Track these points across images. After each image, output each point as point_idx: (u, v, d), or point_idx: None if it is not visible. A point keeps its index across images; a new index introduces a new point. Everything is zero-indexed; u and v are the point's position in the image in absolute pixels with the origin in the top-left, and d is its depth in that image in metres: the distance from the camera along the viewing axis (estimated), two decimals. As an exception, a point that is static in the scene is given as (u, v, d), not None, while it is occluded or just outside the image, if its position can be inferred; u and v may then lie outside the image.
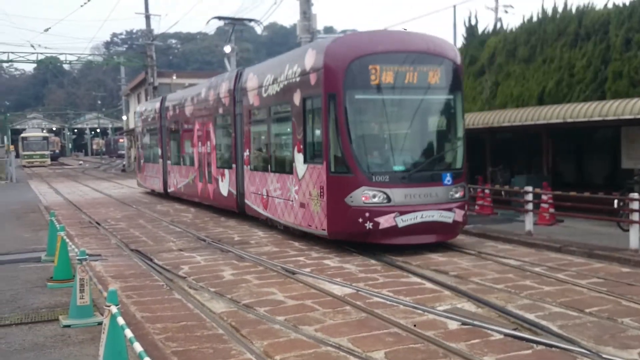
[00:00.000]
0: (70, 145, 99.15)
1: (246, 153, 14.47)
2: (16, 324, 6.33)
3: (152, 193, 23.84)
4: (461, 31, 25.99)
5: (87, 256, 5.97)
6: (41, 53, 38.85)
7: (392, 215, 10.03)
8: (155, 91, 38.49)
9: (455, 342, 5.75)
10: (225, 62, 23.91)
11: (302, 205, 11.39)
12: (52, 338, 5.85)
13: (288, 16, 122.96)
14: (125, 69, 56.03)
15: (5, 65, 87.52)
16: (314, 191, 10.87)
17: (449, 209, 10.41)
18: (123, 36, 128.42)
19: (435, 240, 10.49)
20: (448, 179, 10.53)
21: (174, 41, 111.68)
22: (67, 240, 7.71)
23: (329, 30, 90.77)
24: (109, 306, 3.99)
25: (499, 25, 18.16)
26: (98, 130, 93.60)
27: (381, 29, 14.94)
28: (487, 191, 14.24)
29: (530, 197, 11.62)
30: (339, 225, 10.35)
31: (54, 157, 67.51)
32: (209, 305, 7.31)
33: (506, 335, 5.94)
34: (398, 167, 10.44)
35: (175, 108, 20.80)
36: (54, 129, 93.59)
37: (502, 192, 13.83)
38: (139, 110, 28.17)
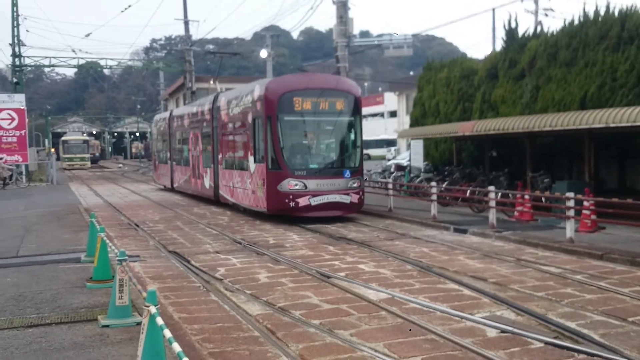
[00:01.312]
0: (110, 149, 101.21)
1: (220, 156, 19.27)
2: (56, 323, 6.45)
3: (185, 194, 24.18)
4: (500, 34, 25.64)
5: (126, 257, 6.05)
6: (82, 58, 39.74)
7: (308, 197, 14.79)
8: (193, 96, 39.01)
9: (494, 350, 5.63)
10: (266, 67, 30.12)
11: (253, 192, 16.13)
12: (91, 338, 5.94)
13: (324, 21, 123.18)
14: (164, 74, 57.02)
15: (47, 69, 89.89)
16: (259, 182, 15.57)
17: (347, 194, 15.14)
18: (162, 42, 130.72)
19: (337, 214, 15.17)
20: (347, 174, 15.25)
21: (211, 46, 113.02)
22: (107, 241, 7.83)
23: (365, 34, 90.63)
24: (148, 306, 4.02)
25: (539, 28, 17.84)
26: (137, 134, 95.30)
27: (305, 72, 20.18)
28: (527, 197, 13.97)
29: (571, 203, 11.35)
30: (274, 204, 15.03)
31: (94, 160, 69.05)
32: (244, 307, 7.33)
33: (546, 343, 5.80)
34: (312, 166, 15.28)
35: (179, 120, 25.63)
36: (94, 132, 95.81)
37: (543, 198, 13.55)
38: (155, 120, 33.80)
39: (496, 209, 13.12)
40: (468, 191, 15.32)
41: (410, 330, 6.30)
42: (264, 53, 39.44)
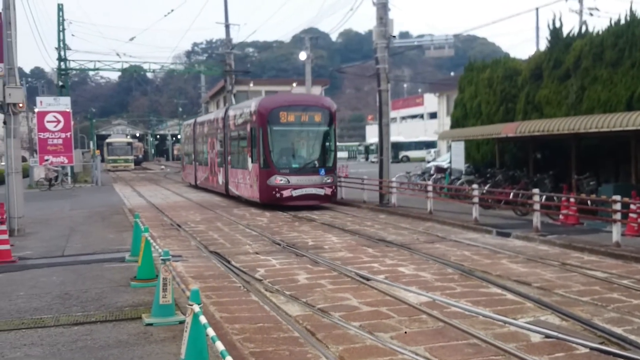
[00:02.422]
0: (152, 151, 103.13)
1: (229, 157, 23.39)
2: (101, 322, 6.60)
3: (225, 196, 24.46)
4: (544, 34, 25.10)
5: (170, 257, 6.14)
6: (126, 62, 40.61)
7: (290, 190, 18.71)
8: (234, 98, 39.49)
9: (538, 356, 5.51)
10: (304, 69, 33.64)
11: (250, 186, 20.15)
12: (135, 336, 6.05)
13: (363, 22, 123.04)
14: (205, 77, 57.79)
15: (91, 73, 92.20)
16: (254, 178, 19.58)
17: (322, 187, 19.05)
18: (203, 45, 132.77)
19: (314, 203, 19.07)
20: (322, 172, 19.14)
21: (251, 49, 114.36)
22: (151, 241, 7.96)
23: (404, 35, 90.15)
24: (191, 305, 4.07)
25: (584, 28, 17.41)
26: (179, 136, 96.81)
27: (291, 91, 26.78)
28: (572, 200, 13.64)
29: (618, 206, 11.02)
30: (264, 195, 18.96)
31: (137, 162, 70.47)
32: (284, 308, 7.36)
33: (592, 349, 5.66)
34: (294, 165, 19.21)
35: (200, 127, 30.00)
36: (137, 134, 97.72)
37: (588, 202, 13.21)
38: (182, 126, 40.04)
39: (540, 212, 12.84)
40: (511, 194, 15.04)
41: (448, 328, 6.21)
42: (302, 55, 39.59)
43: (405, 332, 6.29)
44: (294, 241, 12.60)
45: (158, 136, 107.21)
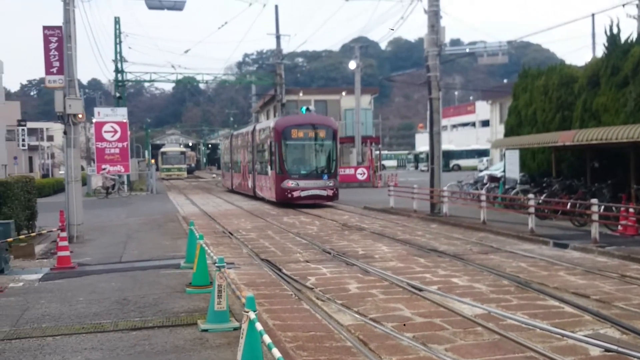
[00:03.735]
0: (204, 160, 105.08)
1: (256, 166, 28.16)
2: (158, 327, 6.75)
3: (273, 203, 24.73)
4: (601, 40, 24.37)
5: (224, 264, 6.24)
6: (180, 73, 41.57)
7: (299, 191, 23.29)
8: (284, 108, 39.87)
9: (600, 372, 5.33)
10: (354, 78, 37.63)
11: (269, 188, 24.96)
12: (191, 341, 6.16)
13: (413, 30, 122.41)
14: (256, 87, 58.59)
15: (147, 84, 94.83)
16: (272, 182, 24.35)
17: (324, 189, 23.61)
18: (254, 56, 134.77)
19: (318, 202, 23.64)
20: (325, 177, 23.72)
21: (300, 59, 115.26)
22: (206, 248, 8.10)
23: (455, 42, 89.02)
24: (247, 312, 4.12)
25: (644, 32, 16.80)
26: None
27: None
28: (631, 210, 13.16)
29: (683, 217, 10.57)
30: (279, 196, 23.66)
31: (189, 171, 72.03)
32: (336, 317, 7.35)
33: (658, 367, 5.43)
34: (303, 172, 23.83)
35: (235, 139, 35.24)
36: (190, 144, 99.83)
37: (650, 212, 12.71)
38: (222, 138, 51.04)
39: (599, 223, 12.44)
40: (568, 204, 14.62)
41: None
42: (352, 64, 39.71)
43: (458, 345, 6.19)
44: (344, 250, 12.58)
45: (210, 145, 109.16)
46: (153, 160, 61.75)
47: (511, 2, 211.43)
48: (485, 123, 59.86)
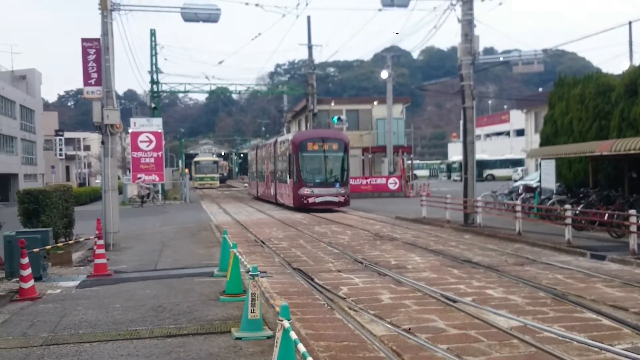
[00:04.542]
0: (236, 169, 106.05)
1: (277, 175, 30.88)
2: (193, 334, 6.82)
3: (307, 213, 24.82)
4: (639, 48, 23.90)
5: (258, 272, 6.28)
6: (214, 84, 42.09)
7: (314, 197, 26.08)
8: (315, 118, 39.99)
9: (641, 388, 5.18)
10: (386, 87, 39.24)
11: (288, 195, 27.71)
12: (225, 349, 6.21)
13: (445, 40, 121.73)
14: (287, 97, 58.97)
15: (181, 95, 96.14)
16: (290, 189, 27.11)
17: (337, 196, 26.41)
18: (286, 66, 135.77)
19: (331, 207, 26.32)
20: (337, 185, 26.56)
21: (332, 69, 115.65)
22: (240, 256, 8.17)
23: (489, 51, 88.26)
24: (281, 320, 4.13)
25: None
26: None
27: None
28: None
29: None
30: (296, 202, 26.43)
31: (222, 180, 72.76)
32: (369, 327, 7.32)
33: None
34: (317, 180, 26.57)
35: (260, 151, 38.22)
36: (223, 153, 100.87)
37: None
38: (248, 149, 55.70)
39: (637, 234, 12.13)
40: (606, 215, 14.31)
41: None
42: (384, 74, 39.66)
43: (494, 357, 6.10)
44: (376, 260, 12.53)
45: (242, 155, 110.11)
46: (187, 170, 62.53)
47: (546, 11, 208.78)
48: (520, 132, 59.04)
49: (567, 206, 14.64)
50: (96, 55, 15.46)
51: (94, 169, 77.75)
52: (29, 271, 9.15)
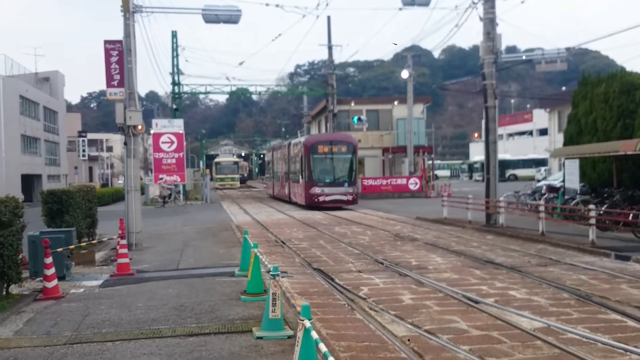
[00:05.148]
0: (256, 169, 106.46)
1: (291, 175, 32.65)
2: (214, 333, 6.85)
3: (325, 213, 24.80)
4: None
5: (279, 272, 6.29)
6: (234, 85, 42.25)
7: (324, 196, 27.90)
8: (335, 118, 39.96)
9: (669, 391, 5.08)
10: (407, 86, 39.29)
11: (300, 194, 29.43)
12: (247, 348, 6.23)
13: (466, 39, 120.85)
14: (307, 97, 59.04)
15: (202, 96, 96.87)
16: (302, 189, 28.87)
17: (345, 195, 28.11)
18: (305, 67, 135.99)
19: (340, 205, 28.04)
20: (346, 185, 28.26)
21: (352, 69, 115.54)
22: (260, 256, 8.19)
23: (511, 49, 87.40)
24: (302, 320, 4.13)
25: None
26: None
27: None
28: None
29: None
30: (308, 200, 28.29)
31: (242, 180, 73.05)
32: (389, 327, 7.28)
33: None
34: (327, 180, 28.28)
35: (275, 152, 40.23)
36: (243, 154, 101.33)
37: None
38: (266, 151, 57.81)
39: (664, 235, 11.91)
40: (630, 215, 14.08)
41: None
42: (404, 74, 39.44)
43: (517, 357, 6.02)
44: (396, 260, 12.47)
45: (262, 155, 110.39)
46: (207, 170, 62.90)
47: (568, 9, 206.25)
48: (543, 132, 58.44)
49: (591, 206, 14.44)
50: (119, 57, 15.60)
51: (116, 169, 78.65)
52: (52, 271, 9.27)
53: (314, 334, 3.93)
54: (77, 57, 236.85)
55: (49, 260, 9.25)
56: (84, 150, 62.47)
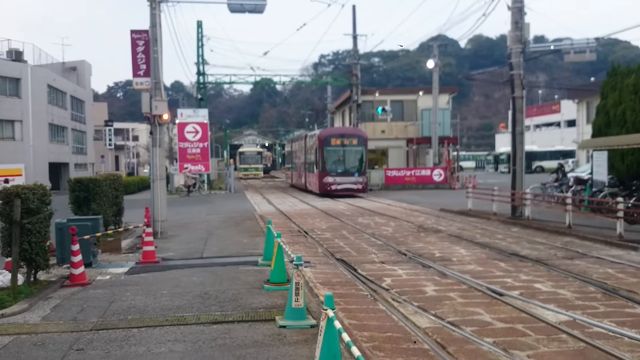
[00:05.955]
0: (279, 160, 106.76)
1: (307, 165, 34.97)
2: (238, 322, 6.91)
3: (347, 204, 24.75)
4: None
5: (302, 262, 6.30)
6: (258, 75, 42.29)
7: (335, 185, 30.67)
8: (359, 108, 39.80)
9: (698, 388, 4.98)
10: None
11: (315, 183, 32.16)
12: (270, 337, 6.27)
13: (493, 28, 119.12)
14: (331, 88, 58.87)
15: (226, 86, 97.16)
16: (317, 178, 31.57)
17: (355, 184, 30.77)
18: (329, 57, 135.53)
19: (351, 193, 30.81)
20: (356, 174, 30.88)
21: (377, 59, 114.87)
22: (284, 246, 8.21)
23: (539, 39, 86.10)
24: (325, 310, 4.13)
25: None
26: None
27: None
28: None
29: None
30: (321, 189, 30.95)
31: (265, 170, 73.31)
32: (412, 319, 7.26)
33: None
34: (339, 170, 30.86)
35: (294, 144, 42.97)
36: (267, 144, 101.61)
37: None
38: (285, 143, 63.48)
39: (696, 229, 11.66)
40: (660, 208, 13.79)
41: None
42: (430, 63, 39.04)
43: (542, 350, 5.96)
44: (420, 252, 12.42)
45: (285, 145, 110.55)
46: (231, 160, 63.26)
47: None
48: (571, 123, 57.49)
49: (619, 199, 14.18)
50: (145, 46, 15.72)
51: (142, 158, 79.52)
52: (79, 258, 9.42)
53: (337, 324, 3.93)
54: (104, 46, 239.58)
55: (76, 247, 9.40)
56: (110, 139, 63.24)
